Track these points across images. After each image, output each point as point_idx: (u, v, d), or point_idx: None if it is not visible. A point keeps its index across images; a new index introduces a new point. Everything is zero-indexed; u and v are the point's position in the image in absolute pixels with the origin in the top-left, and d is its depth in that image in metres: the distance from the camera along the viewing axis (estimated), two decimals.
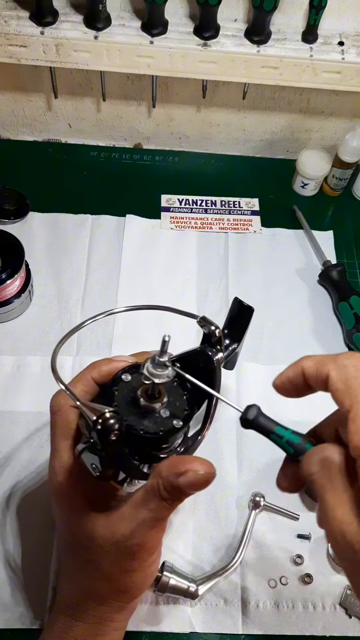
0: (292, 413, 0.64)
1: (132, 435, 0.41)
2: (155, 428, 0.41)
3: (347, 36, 0.71)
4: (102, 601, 0.44)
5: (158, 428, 0.41)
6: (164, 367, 0.39)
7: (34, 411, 0.62)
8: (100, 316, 0.49)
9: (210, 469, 0.38)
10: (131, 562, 0.41)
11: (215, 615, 0.54)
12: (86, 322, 0.48)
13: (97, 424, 0.37)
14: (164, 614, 0.53)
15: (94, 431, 0.38)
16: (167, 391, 0.42)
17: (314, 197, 0.83)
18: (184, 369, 0.42)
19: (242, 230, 0.78)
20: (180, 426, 0.42)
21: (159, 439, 0.41)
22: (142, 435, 0.41)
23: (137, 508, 0.40)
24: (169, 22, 0.69)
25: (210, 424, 0.46)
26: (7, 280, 0.64)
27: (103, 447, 0.38)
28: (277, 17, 0.69)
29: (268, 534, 0.57)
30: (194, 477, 0.38)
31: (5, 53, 0.70)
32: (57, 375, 0.41)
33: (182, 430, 0.42)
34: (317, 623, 0.54)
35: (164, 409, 0.42)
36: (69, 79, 0.78)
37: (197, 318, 0.47)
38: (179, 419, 0.42)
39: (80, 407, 0.39)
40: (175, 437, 0.42)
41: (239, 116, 0.83)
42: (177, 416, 0.42)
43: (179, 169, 0.85)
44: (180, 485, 0.38)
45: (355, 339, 0.67)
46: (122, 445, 0.40)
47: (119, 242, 0.75)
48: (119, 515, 0.41)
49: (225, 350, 0.47)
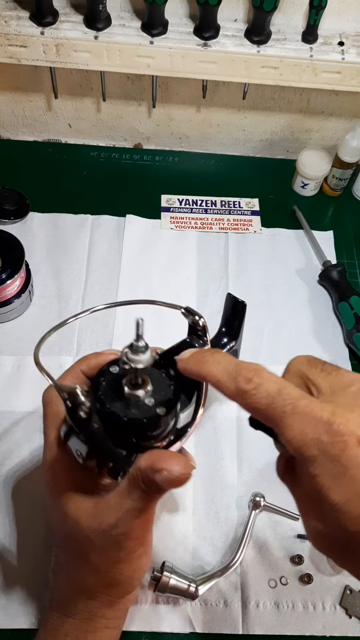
0: None
1: (116, 422, 0.41)
2: (138, 415, 0.41)
3: (347, 36, 0.71)
4: (92, 595, 0.44)
5: (141, 415, 0.41)
6: (142, 352, 0.40)
7: (34, 411, 0.62)
8: (83, 314, 0.49)
9: (186, 469, 0.38)
10: (118, 553, 0.41)
11: (215, 615, 0.54)
12: (69, 320, 0.48)
13: (66, 400, 0.39)
14: (164, 614, 0.53)
15: (66, 409, 0.39)
16: (153, 381, 0.43)
17: (314, 197, 0.83)
18: (173, 361, 0.43)
19: (242, 230, 0.78)
20: (164, 413, 0.42)
21: (143, 425, 0.41)
22: (125, 422, 0.41)
23: (123, 497, 0.40)
24: (169, 22, 0.69)
25: (200, 412, 0.46)
26: (7, 280, 0.64)
27: (75, 425, 0.40)
28: (277, 17, 0.69)
29: (268, 534, 0.57)
30: (167, 476, 0.38)
31: (5, 53, 0.70)
32: (37, 358, 0.43)
33: (166, 418, 0.42)
34: (317, 623, 0.54)
35: (149, 397, 0.42)
36: (69, 79, 0.78)
37: (181, 309, 0.47)
38: (163, 406, 0.42)
39: (54, 386, 0.41)
40: (160, 424, 0.42)
41: (239, 116, 0.83)
42: (161, 404, 0.42)
43: (179, 169, 0.85)
44: (156, 481, 0.38)
45: (355, 339, 0.67)
46: (99, 428, 0.41)
47: (119, 242, 0.76)
48: (105, 505, 0.41)
49: (222, 349, 0.47)
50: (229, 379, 0.37)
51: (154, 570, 0.53)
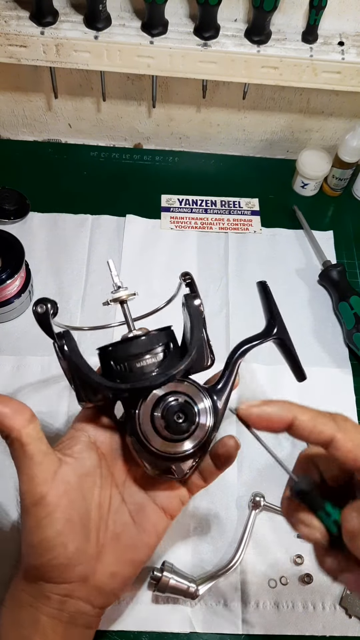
0: None
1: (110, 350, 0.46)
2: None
3: (347, 36, 0.71)
4: (21, 573, 0.44)
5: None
6: (121, 289, 0.49)
7: (34, 411, 0.62)
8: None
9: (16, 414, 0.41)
10: (27, 520, 0.42)
11: (215, 615, 0.54)
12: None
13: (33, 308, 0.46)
14: (164, 614, 0.53)
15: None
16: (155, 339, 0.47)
17: (314, 197, 0.83)
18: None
19: (242, 230, 0.78)
20: (138, 335, 0.46)
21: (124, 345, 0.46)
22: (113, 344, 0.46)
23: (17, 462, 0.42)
24: (169, 22, 0.69)
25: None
26: (7, 280, 0.64)
27: (39, 324, 0.46)
28: (277, 17, 0.69)
29: (268, 534, 0.58)
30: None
31: (5, 53, 0.70)
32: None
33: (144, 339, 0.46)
34: (317, 623, 0.54)
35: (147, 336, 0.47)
36: (69, 79, 0.78)
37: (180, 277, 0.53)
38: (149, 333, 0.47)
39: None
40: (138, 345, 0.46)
41: (239, 116, 0.83)
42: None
43: (179, 169, 0.85)
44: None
45: (355, 339, 0.67)
46: (71, 345, 0.45)
47: (119, 242, 0.76)
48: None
49: (277, 341, 0.53)
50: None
51: (154, 570, 0.53)
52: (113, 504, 0.46)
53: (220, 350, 0.59)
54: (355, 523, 0.35)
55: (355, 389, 0.67)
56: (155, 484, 0.48)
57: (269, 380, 0.66)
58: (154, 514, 0.47)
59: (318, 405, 0.68)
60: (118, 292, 0.49)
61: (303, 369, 0.54)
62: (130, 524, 0.46)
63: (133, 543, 0.45)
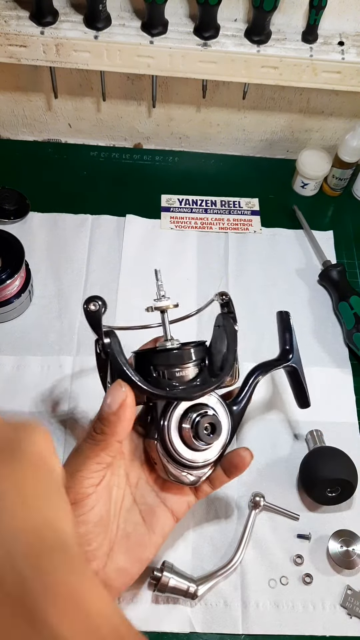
0: (292, 414, 0.65)
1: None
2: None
3: (347, 36, 0.71)
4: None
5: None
6: (164, 298, 0.51)
7: (34, 411, 0.63)
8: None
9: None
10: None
11: (215, 615, 0.54)
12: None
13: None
14: (164, 614, 0.53)
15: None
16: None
17: (314, 197, 0.83)
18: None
19: (242, 230, 0.78)
20: (182, 345, 0.49)
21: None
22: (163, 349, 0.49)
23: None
24: (169, 22, 0.69)
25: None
26: (7, 280, 0.64)
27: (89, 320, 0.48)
28: (277, 17, 0.69)
29: (268, 534, 0.57)
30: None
31: (5, 53, 0.70)
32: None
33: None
34: (317, 623, 0.54)
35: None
36: (69, 79, 0.78)
37: (214, 296, 0.54)
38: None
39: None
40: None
41: (239, 116, 0.83)
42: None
43: (179, 169, 0.85)
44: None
45: (355, 339, 0.67)
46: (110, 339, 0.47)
47: (119, 242, 0.75)
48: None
49: (290, 369, 0.56)
50: None
51: (154, 571, 0.53)
52: (125, 503, 0.48)
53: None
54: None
55: (355, 389, 0.67)
56: (167, 488, 0.50)
57: (269, 380, 0.66)
58: (163, 516, 0.49)
59: (318, 405, 0.69)
60: (161, 302, 0.51)
61: (309, 398, 0.57)
62: (140, 523, 0.48)
63: (142, 542, 0.47)
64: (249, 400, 0.51)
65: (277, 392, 0.65)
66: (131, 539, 0.47)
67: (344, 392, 0.67)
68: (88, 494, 0.44)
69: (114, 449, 0.44)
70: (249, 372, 0.53)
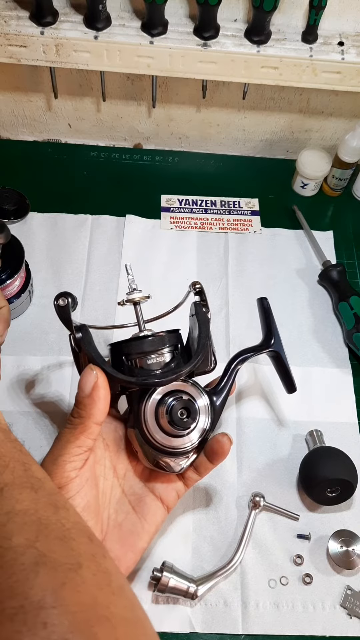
0: (292, 414, 0.65)
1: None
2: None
3: (347, 36, 0.71)
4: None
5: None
6: (135, 291, 0.52)
7: (34, 411, 0.63)
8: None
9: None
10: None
11: (215, 615, 0.54)
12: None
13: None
14: (163, 614, 0.53)
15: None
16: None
17: (314, 197, 0.83)
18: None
19: (242, 230, 0.78)
20: (151, 334, 0.50)
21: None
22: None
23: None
24: (168, 22, 0.69)
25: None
26: (7, 280, 0.64)
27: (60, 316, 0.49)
28: (277, 17, 0.69)
29: (268, 534, 0.57)
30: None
31: (5, 53, 0.70)
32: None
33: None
34: (317, 623, 0.54)
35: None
36: (69, 79, 0.78)
37: (189, 287, 0.55)
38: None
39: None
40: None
41: (239, 116, 0.83)
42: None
43: (179, 169, 0.85)
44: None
45: (355, 339, 0.67)
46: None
47: (119, 242, 0.75)
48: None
49: (273, 354, 0.56)
50: None
51: (154, 571, 0.53)
52: (114, 495, 0.50)
53: (220, 350, 0.59)
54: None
55: (355, 389, 0.67)
56: (154, 477, 0.51)
57: (268, 380, 0.66)
58: (153, 505, 0.50)
59: (318, 405, 0.69)
60: (133, 294, 0.52)
61: (294, 382, 0.57)
62: (131, 512, 0.49)
63: (135, 530, 0.48)
64: (231, 388, 0.51)
65: (277, 392, 0.65)
66: (123, 528, 0.48)
67: (344, 392, 0.67)
68: (71, 477, 0.45)
69: (93, 432, 0.46)
70: (230, 358, 0.53)
